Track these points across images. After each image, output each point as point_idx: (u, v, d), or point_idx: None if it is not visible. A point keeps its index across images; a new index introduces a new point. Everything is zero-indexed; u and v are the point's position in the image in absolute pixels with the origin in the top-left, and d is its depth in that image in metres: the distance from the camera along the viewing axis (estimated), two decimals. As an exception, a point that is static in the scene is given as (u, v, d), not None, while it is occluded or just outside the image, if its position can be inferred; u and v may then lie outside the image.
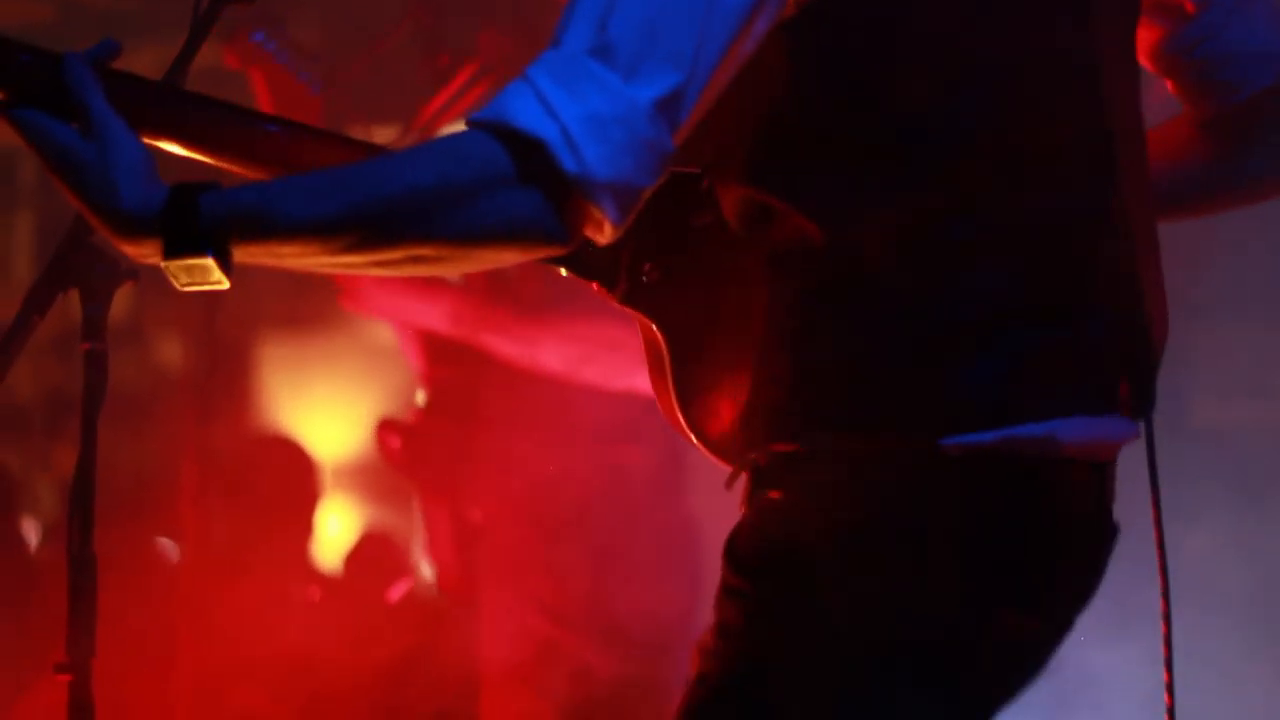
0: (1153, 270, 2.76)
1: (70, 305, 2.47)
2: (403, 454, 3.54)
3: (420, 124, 3.58)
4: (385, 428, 3.59)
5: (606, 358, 3.31)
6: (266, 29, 3.40)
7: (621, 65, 2.27)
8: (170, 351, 10.45)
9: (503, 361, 3.36)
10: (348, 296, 3.43)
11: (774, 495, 2.50)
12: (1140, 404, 2.66)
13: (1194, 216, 3.11)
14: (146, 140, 2.30)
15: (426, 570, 3.88)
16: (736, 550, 2.52)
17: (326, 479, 7.15)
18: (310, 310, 10.17)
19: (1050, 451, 2.46)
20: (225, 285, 2.31)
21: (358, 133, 3.84)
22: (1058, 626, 2.62)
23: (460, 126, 2.28)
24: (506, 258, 2.31)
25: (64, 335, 9.19)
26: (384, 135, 3.65)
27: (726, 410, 2.59)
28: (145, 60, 9.71)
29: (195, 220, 2.18)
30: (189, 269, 2.28)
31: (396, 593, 5.85)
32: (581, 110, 2.24)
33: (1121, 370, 2.60)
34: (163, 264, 2.28)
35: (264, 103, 3.35)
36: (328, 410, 9.44)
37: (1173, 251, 2.82)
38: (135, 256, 2.27)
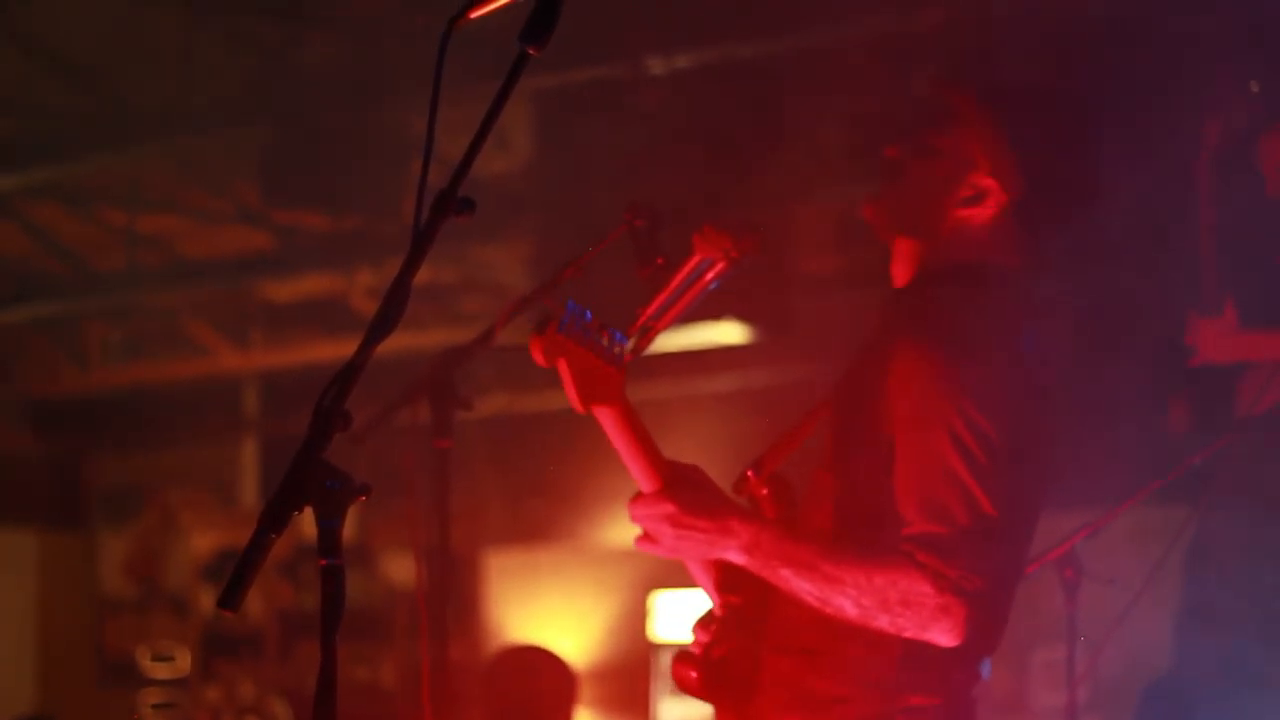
0: None
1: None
2: (699, 683, 3.54)
3: (635, 329, 3.59)
4: (681, 660, 3.56)
5: (900, 611, 3.32)
6: (574, 302, 3.35)
7: None
8: (399, 569, 10.58)
9: (790, 595, 3.36)
10: (643, 541, 3.44)
11: None
12: None
13: None
14: None
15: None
16: None
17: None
18: (535, 523, 10.26)
19: None
20: None
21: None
22: None
23: (675, 331, 2.34)
24: None
25: (292, 557, 9.29)
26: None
27: None
28: (362, 280, 9.91)
29: None
30: None
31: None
32: None
33: None
34: None
35: (569, 391, 3.33)
36: (560, 621, 9.46)
37: None
38: None
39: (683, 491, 3.34)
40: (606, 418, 3.33)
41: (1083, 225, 3.63)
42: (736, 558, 3.35)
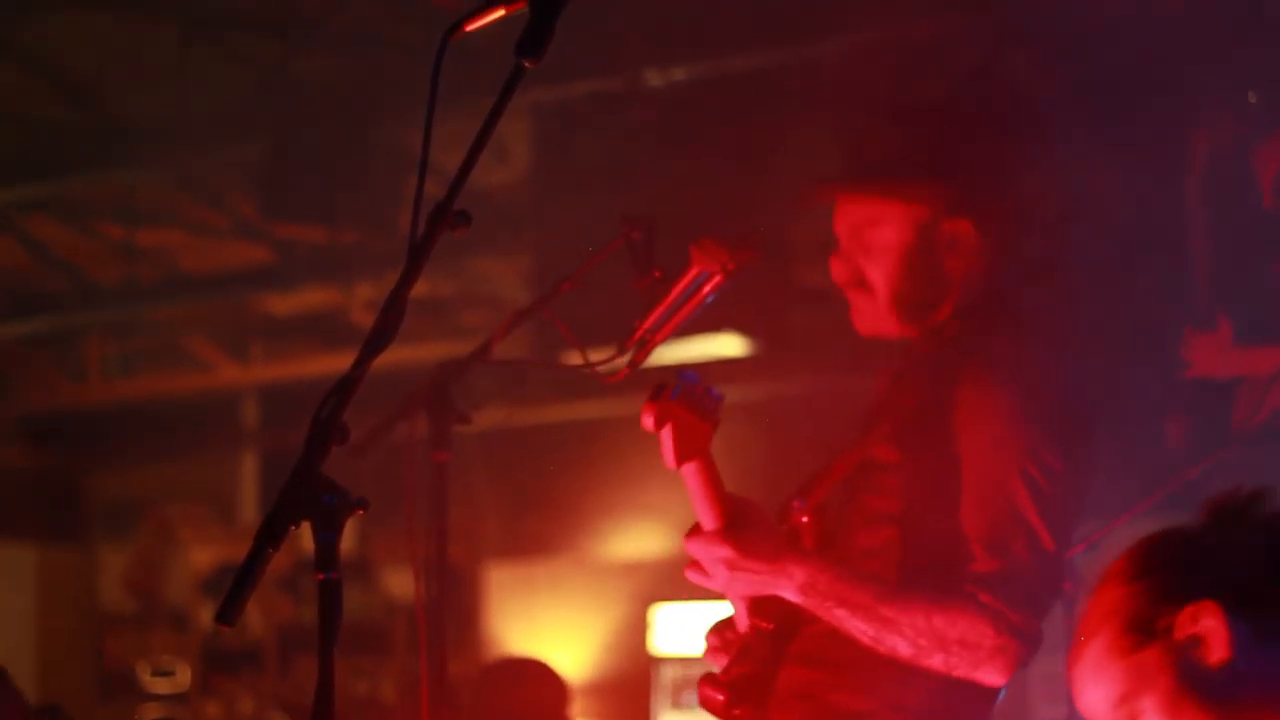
0: None
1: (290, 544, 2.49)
2: (724, 705, 3.53)
3: (633, 341, 3.60)
4: (707, 683, 3.54)
5: (956, 651, 3.33)
6: (686, 369, 3.36)
7: None
8: (398, 583, 10.57)
9: (847, 633, 3.37)
10: (694, 571, 3.43)
11: None
12: None
13: None
14: None
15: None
16: None
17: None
18: (533, 536, 10.24)
19: None
20: None
21: (572, 354, 3.87)
22: None
23: (673, 343, 2.33)
24: None
25: (291, 571, 9.26)
26: (597, 354, 3.67)
27: None
28: (361, 293, 9.90)
29: None
30: None
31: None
32: None
33: None
34: None
35: (667, 451, 3.33)
36: (559, 634, 9.44)
37: None
38: None
39: (740, 533, 3.34)
40: (692, 471, 3.33)
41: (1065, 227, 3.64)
42: (791, 596, 3.35)
